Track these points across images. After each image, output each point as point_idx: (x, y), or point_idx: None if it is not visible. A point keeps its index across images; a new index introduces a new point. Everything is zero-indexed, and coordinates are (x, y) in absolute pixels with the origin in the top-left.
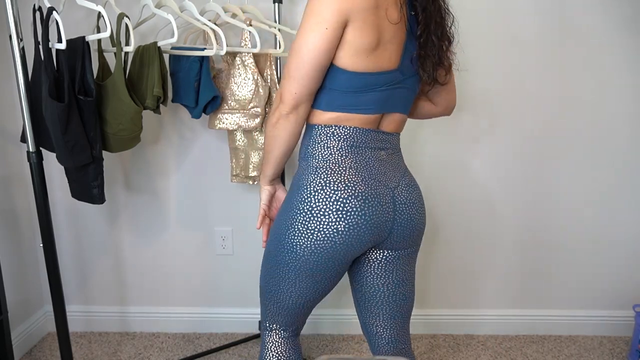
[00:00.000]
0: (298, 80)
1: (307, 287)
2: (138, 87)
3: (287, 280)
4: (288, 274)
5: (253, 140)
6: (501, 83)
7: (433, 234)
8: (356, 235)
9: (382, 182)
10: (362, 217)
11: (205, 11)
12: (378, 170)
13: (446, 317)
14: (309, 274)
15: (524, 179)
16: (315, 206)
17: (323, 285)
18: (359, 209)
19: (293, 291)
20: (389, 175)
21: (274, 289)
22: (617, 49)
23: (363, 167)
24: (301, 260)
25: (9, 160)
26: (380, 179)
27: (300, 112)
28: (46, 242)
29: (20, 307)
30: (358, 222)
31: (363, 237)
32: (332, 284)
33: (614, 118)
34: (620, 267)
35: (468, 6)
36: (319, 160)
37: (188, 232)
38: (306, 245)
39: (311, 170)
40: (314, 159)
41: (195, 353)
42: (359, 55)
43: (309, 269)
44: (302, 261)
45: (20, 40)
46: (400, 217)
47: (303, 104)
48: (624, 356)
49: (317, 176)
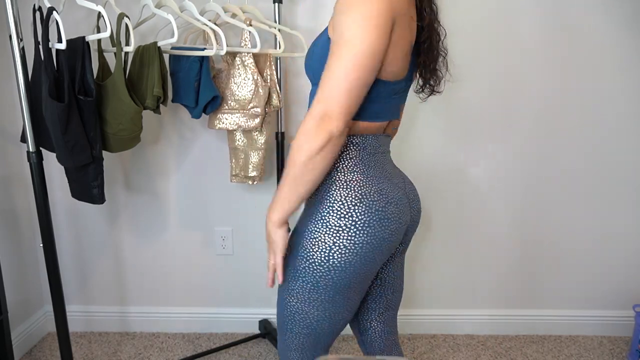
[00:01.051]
0: (356, 90)
1: (352, 303)
2: (138, 87)
3: (331, 301)
4: (333, 295)
5: (253, 140)
6: (500, 83)
7: (432, 234)
8: (396, 240)
9: (398, 184)
10: (399, 222)
11: (205, 11)
12: (392, 172)
13: (446, 317)
14: (356, 289)
15: (524, 179)
16: (358, 219)
17: (361, 297)
18: (396, 214)
19: (336, 312)
20: (396, 175)
21: (312, 315)
22: (617, 49)
23: (384, 173)
24: (351, 276)
25: (9, 160)
26: (396, 181)
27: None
28: (46, 242)
29: (20, 307)
30: (397, 227)
31: (398, 240)
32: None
33: (614, 118)
34: (620, 267)
35: (468, 5)
36: (347, 172)
37: (188, 232)
38: (355, 261)
39: (340, 184)
40: (339, 172)
41: (195, 353)
42: (397, 62)
43: (357, 283)
44: (351, 277)
45: (20, 40)
46: (413, 213)
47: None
48: (624, 356)
49: (351, 189)
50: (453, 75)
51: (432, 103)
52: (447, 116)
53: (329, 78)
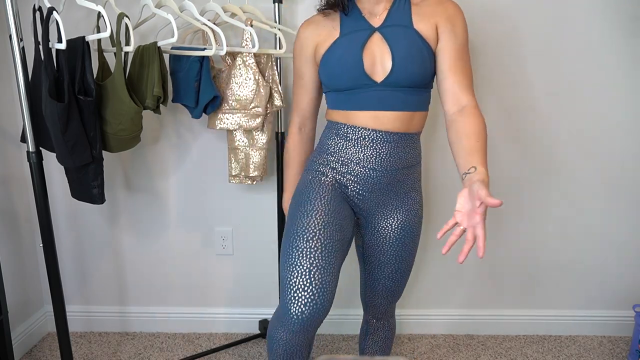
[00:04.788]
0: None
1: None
2: (138, 87)
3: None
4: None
5: (254, 140)
6: (499, 82)
7: (432, 234)
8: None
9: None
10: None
11: (205, 11)
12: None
13: (446, 317)
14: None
15: (524, 179)
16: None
17: None
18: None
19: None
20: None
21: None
22: (617, 49)
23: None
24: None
25: (9, 160)
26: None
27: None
28: (46, 242)
29: (20, 307)
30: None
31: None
32: None
33: (614, 117)
34: (620, 267)
35: (466, 3)
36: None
37: (188, 232)
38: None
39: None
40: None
41: (195, 353)
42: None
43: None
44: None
45: (20, 40)
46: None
47: None
48: (624, 356)
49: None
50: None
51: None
52: (443, 116)
53: (471, 75)
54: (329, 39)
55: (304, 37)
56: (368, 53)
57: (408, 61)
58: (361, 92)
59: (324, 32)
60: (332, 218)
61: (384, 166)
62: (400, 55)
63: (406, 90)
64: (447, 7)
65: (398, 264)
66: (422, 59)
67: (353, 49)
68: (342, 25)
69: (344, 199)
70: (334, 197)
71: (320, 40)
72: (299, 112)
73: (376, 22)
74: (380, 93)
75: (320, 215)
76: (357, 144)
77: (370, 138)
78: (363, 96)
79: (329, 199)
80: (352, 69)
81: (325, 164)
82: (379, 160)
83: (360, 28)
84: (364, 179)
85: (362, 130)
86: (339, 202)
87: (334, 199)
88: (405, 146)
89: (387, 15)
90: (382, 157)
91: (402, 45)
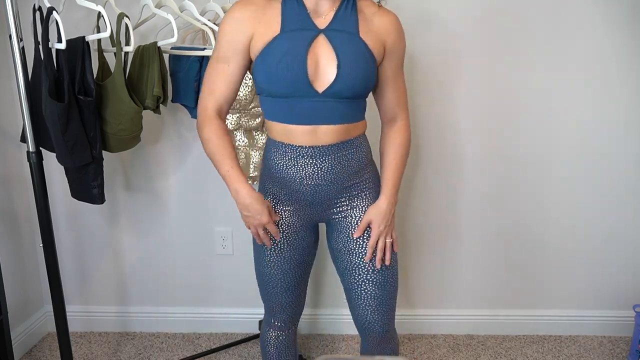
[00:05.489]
0: None
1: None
2: (138, 87)
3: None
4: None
5: (254, 140)
6: (495, 84)
7: (432, 234)
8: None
9: None
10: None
11: (205, 11)
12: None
13: (446, 317)
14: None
15: (524, 179)
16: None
17: None
18: None
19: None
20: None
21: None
22: (616, 49)
23: None
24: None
25: (9, 160)
26: None
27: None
28: (46, 242)
29: (20, 307)
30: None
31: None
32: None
33: (614, 117)
34: (620, 267)
35: (461, 5)
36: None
37: (188, 232)
38: None
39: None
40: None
41: (195, 353)
42: None
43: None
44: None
45: (20, 40)
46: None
47: None
48: (624, 356)
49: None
50: (454, 74)
51: (426, 104)
52: (442, 115)
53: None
54: (269, 31)
55: (241, 18)
56: (312, 57)
57: (352, 69)
58: (299, 102)
59: (264, 20)
60: (289, 253)
61: (328, 179)
62: (346, 62)
63: (345, 102)
64: (396, 26)
65: (372, 262)
66: (368, 69)
67: (297, 50)
68: (284, 18)
69: (300, 217)
70: (289, 226)
71: (260, 30)
72: (216, 96)
73: (321, 23)
74: (320, 105)
75: (277, 258)
76: (296, 162)
77: (308, 155)
78: (301, 107)
79: (284, 231)
80: (295, 74)
81: (275, 183)
82: (322, 175)
83: (305, 27)
84: (312, 194)
85: (299, 148)
86: (295, 227)
87: (289, 227)
88: (348, 153)
89: (333, 17)
90: (324, 172)
91: (348, 51)
